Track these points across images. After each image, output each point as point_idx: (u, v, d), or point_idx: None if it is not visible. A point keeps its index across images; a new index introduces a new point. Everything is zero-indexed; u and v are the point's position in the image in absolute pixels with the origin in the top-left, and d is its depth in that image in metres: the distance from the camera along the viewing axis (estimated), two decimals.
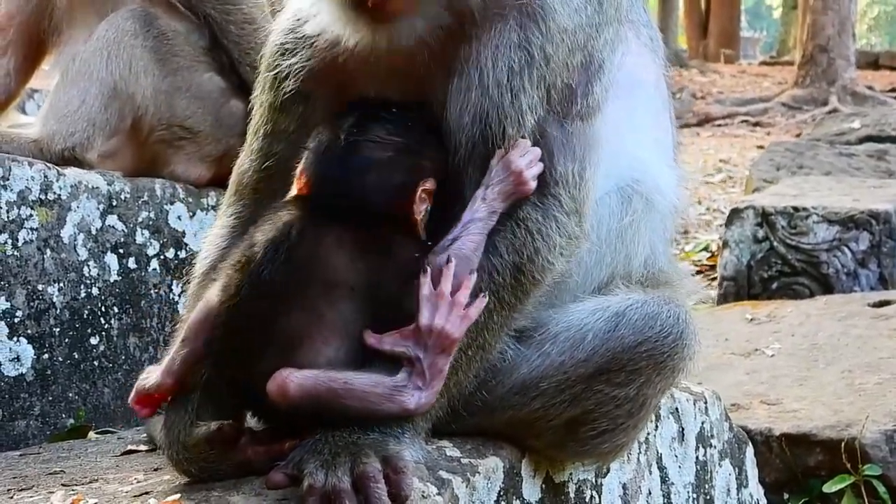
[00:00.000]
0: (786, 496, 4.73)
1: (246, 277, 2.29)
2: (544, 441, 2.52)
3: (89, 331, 3.94)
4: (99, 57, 4.19)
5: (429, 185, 2.38)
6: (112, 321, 4.00)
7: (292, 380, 2.19)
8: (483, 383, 2.42)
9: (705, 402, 3.35)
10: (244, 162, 2.68)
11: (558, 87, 2.41)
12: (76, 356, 3.90)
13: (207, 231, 2.58)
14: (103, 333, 3.98)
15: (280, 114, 2.58)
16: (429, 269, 2.27)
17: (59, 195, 3.85)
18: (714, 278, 8.34)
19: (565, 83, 2.41)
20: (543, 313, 2.48)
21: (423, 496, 2.14)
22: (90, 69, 4.19)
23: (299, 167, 2.40)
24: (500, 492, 2.41)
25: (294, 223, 2.31)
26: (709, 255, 9.61)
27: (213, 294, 2.37)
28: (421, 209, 2.36)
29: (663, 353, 2.48)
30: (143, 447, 3.00)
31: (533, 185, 2.36)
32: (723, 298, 7.41)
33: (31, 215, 3.77)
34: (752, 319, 6.41)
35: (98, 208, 3.97)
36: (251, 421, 2.48)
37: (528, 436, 2.50)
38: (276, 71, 2.55)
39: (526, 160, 2.36)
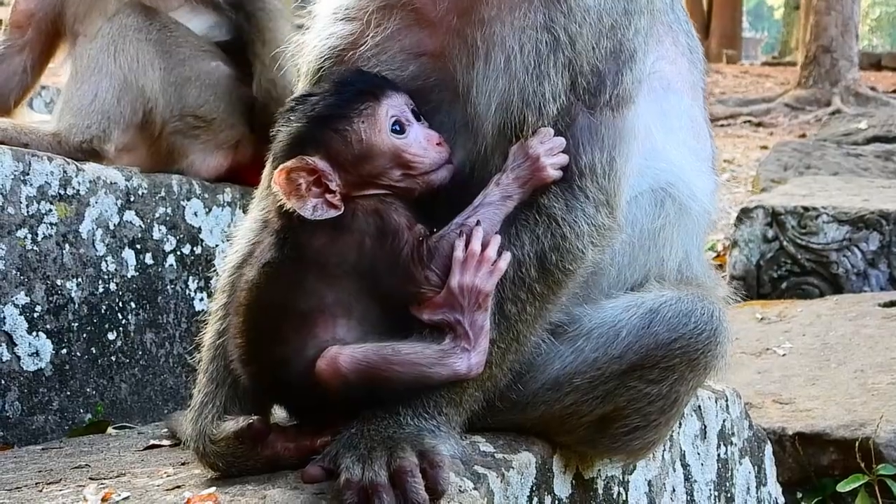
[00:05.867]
0: (799, 495, 4.73)
1: (257, 273, 2.30)
2: (576, 437, 2.51)
3: (107, 326, 3.93)
4: (106, 52, 4.23)
5: (292, 163, 2.22)
6: (129, 317, 4.00)
7: (342, 354, 2.17)
8: (518, 377, 2.41)
9: (726, 400, 3.35)
10: None
11: (585, 72, 2.35)
12: (94, 351, 3.89)
13: (240, 224, 2.57)
14: (120, 329, 3.97)
15: None
16: (462, 233, 2.23)
17: (78, 190, 3.85)
18: (721, 277, 8.32)
19: (593, 70, 2.36)
20: (577, 309, 2.46)
21: (459, 491, 2.13)
22: (99, 64, 4.23)
23: None
24: (532, 487, 2.41)
25: (274, 217, 2.33)
26: (715, 254, 9.60)
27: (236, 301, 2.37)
28: (286, 193, 2.21)
29: (697, 351, 2.47)
30: (166, 442, 2.99)
31: (552, 172, 2.32)
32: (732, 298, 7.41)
33: (50, 210, 3.77)
34: (762, 319, 6.40)
35: (116, 204, 3.97)
36: (278, 415, 2.48)
37: (560, 432, 2.50)
38: (307, 65, 2.53)
39: (545, 147, 2.32)
